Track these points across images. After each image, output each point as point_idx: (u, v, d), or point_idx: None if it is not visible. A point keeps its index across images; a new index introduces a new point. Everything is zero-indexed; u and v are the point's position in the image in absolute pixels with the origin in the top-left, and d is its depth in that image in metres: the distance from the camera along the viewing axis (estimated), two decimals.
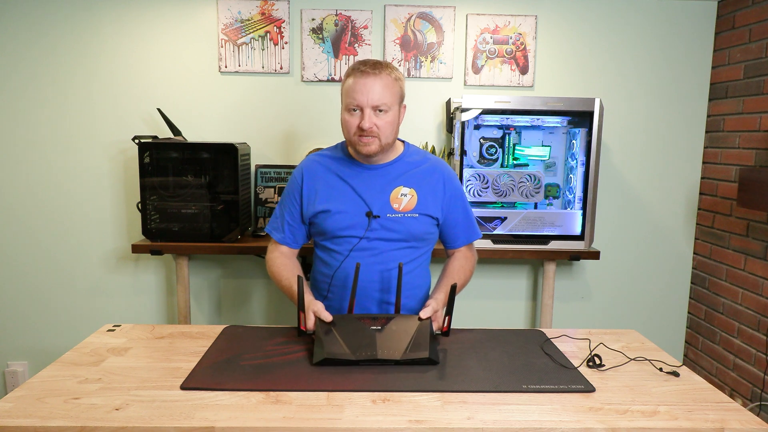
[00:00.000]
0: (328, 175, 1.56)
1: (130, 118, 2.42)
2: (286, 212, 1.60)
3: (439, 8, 2.39)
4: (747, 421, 1.06)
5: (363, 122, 1.43)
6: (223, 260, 2.54)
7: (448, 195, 1.58)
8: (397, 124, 1.51)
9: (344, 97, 1.48)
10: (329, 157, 1.60)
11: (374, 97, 1.43)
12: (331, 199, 1.53)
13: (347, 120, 1.47)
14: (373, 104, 1.43)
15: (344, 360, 1.25)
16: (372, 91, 1.42)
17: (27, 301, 2.52)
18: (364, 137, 1.45)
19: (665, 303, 2.65)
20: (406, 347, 1.27)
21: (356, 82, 1.43)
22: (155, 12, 2.37)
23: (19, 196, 2.45)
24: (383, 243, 1.52)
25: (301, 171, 1.59)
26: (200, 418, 1.02)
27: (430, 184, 1.56)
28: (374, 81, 1.43)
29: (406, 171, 1.56)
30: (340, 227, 1.52)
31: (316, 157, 1.61)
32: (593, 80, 2.48)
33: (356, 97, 1.43)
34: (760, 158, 2.22)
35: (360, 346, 1.27)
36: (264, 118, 2.45)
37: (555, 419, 1.04)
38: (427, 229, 1.56)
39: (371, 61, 1.47)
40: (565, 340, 1.45)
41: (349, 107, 1.45)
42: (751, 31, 2.27)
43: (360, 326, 1.34)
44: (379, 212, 1.51)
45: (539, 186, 2.32)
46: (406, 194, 1.53)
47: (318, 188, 1.55)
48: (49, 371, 1.22)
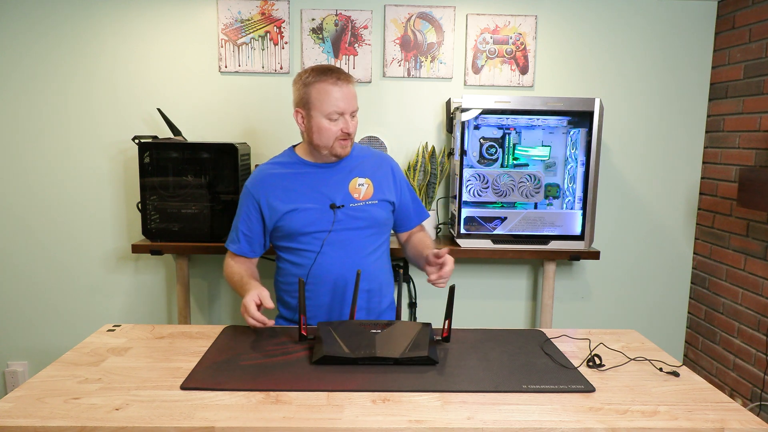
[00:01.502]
0: (284, 180, 1.62)
1: (130, 118, 2.42)
2: (241, 224, 1.66)
3: (439, 8, 2.39)
4: (747, 421, 1.06)
5: (348, 127, 1.55)
6: (223, 260, 2.54)
7: (398, 180, 1.71)
8: None
9: (321, 104, 1.53)
10: (280, 163, 1.67)
11: (353, 104, 1.57)
12: (293, 199, 1.59)
13: (328, 127, 1.54)
14: (352, 110, 1.57)
15: (343, 358, 1.25)
16: (351, 98, 1.55)
17: (27, 301, 2.52)
18: (345, 140, 1.57)
19: (665, 303, 2.65)
20: (405, 347, 1.28)
21: (336, 91, 1.53)
22: (155, 12, 2.37)
23: (19, 196, 2.45)
24: (351, 232, 1.59)
25: (253, 183, 1.64)
26: (200, 418, 1.02)
27: (382, 172, 1.67)
28: (350, 87, 1.55)
29: (357, 164, 1.66)
30: (307, 223, 1.57)
31: (267, 167, 1.67)
32: (593, 80, 2.48)
33: (339, 105, 1.53)
34: (760, 158, 2.22)
35: (359, 346, 1.28)
36: (264, 118, 2.45)
37: (555, 419, 1.05)
38: (386, 215, 1.67)
39: (336, 68, 1.57)
40: (565, 340, 1.45)
41: (332, 115, 1.53)
42: (751, 31, 2.27)
43: (360, 329, 1.35)
44: (342, 203, 1.59)
45: (539, 186, 2.32)
46: (363, 184, 1.63)
47: (276, 192, 1.61)
48: (49, 371, 1.22)
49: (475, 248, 2.25)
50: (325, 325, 1.37)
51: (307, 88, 1.54)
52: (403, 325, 1.39)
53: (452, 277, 2.61)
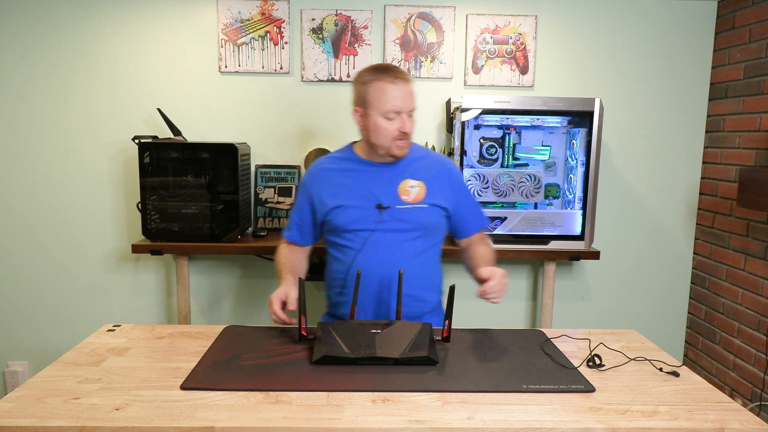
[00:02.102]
0: (337, 174, 1.63)
1: (130, 118, 2.42)
2: (295, 214, 1.69)
3: (439, 8, 2.39)
4: (747, 421, 1.06)
5: (405, 127, 1.52)
6: (223, 260, 2.54)
7: (455, 185, 1.65)
8: None
9: (377, 104, 1.52)
10: (337, 158, 1.68)
11: (410, 103, 1.54)
12: (342, 195, 1.59)
13: (385, 126, 1.53)
14: (409, 110, 1.54)
15: (343, 358, 1.25)
16: (409, 97, 1.53)
17: (27, 301, 2.52)
18: (402, 141, 1.55)
19: (665, 303, 2.65)
20: (405, 347, 1.28)
21: (393, 90, 1.51)
22: (155, 12, 2.37)
23: (19, 196, 2.45)
24: (395, 234, 1.57)
25: (308, 175, 1.68)
26: (200, 418, 1.02)
27: (437, 176, 1.62)
28: (407, 86, 1.53)
29: (412, 165, 1.62)
30: (351, 221, 1.57)
31: (324, 160, 1.69)
32: (593, 80, 2.48)
33: (396, 104, 1.51)
34: (760, 158, 2.22)
35: (359, 346, 1.28)
36: (264, 118, 2.45)
37: (555, 419, 1.04)
38: (436, 220, 1.61)
39: (394, 67, 1.55)
40: (565, 340, 1.45)
41: (389, 114, 1.52)
42: (751, 31, 2.27)
43: (360, 329, 1.35)
44: (389, 204, 1.57)
45: (539, 186, 2.32)
46: (414, 186, 1.59)
47: (327, 187, 1.62)
48: (49, 371, 1.22)
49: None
50: (325, 325, 1.37)
51: (365, 86, 1.54)
52: (403, 325, 1.38)
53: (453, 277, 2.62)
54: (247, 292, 2.57)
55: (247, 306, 2.58)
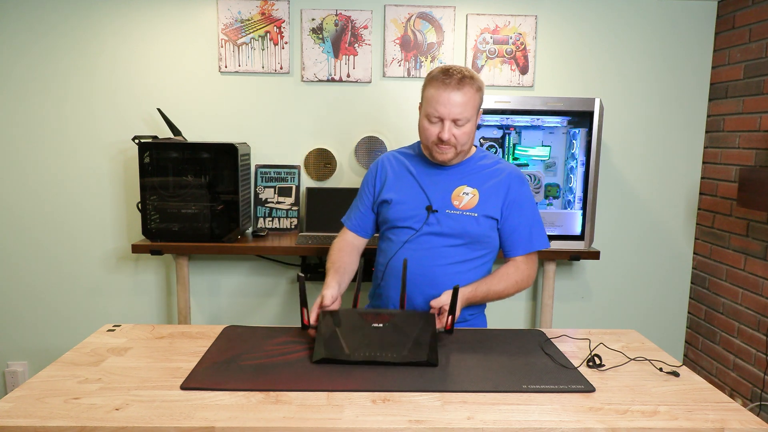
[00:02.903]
0: (400, 169, 1.64)
1: (130, 118, 2.42)
2: (360, 201, 1.70)
3: (439, 8, 2.39)
4: (747, 421, 1.06)
5: (443, 134, 1.49)
6: (223, 260, 2.54)
7: (511, 198, 1.57)
8: (473, 132, 1.55)
9: (425, 104, 1.52)
10: (404, 153, 1.68)
11: (455, 111, 1.47)
12: (397, 190, 1.59)
13: (427, 128, 1.52)
14: (453, 117, 1.48)
15: (342, 360, 1.25)
16: (454, 105, 1.46)
17: (27, 301, 2.52)
18: (442, 146, 1.51)
19: (665, 303, 2.65)
20: (405, 348, 1.27)
21: (440, 94, 1.47)
22: (155, 12, 2.37)
23: (19, 196, 2.45)
24: (437, 238, 1.55)
25: (377, 163, 1.69)
26: (200, 418, 1.02)
27: (494, 185, 1.57)
28: (457, 95, 1.46)
29: (472, 172, 1.60)
30: (400, 217, 1.57)
31: (393, 153, 1.70)
32: (593, 80, 2.48)
33: (438, 109, 1.48)
34: (760, 158, 2.22)
35: (359, 346, 1.27)
36: (264, 118, 2.45)
37: (555, 419, 1.04)
38: (485, 231, 1.57)
39: (456, 71, 1.48)
40: (565, 340, 1.45)
41: (430, 117, 1.50)
42: (751, 31, 2.27)
43: (362, 324, 1.34)
44: (439, 208, 1.55)
45: (539, 186, 2.31)
46: (468, 193, 1.57)
47: (388, 179, 1.63)
48: (49, 371, 1.22)
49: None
50: (326, 316, 1.36)
51: (424, 84, 1.54)
52: (406, 317, 1.36)
53: None
54: (247, 292, 2.57)
55: (247, 306, 2.58)
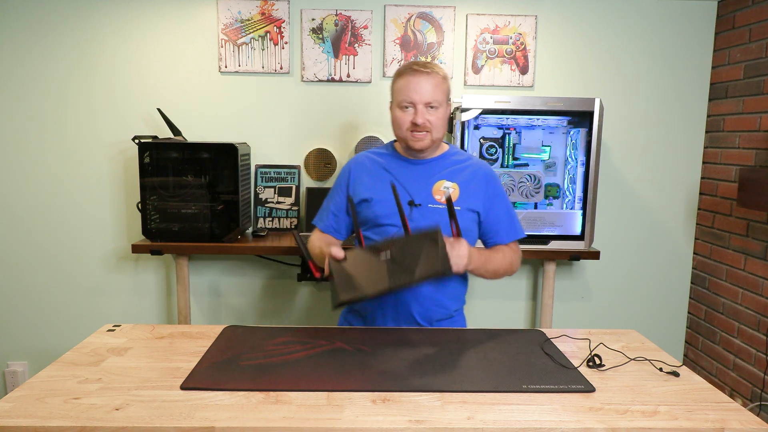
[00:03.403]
0: (375, 168, 1.63)
1: (130, 118, 2.42)
2: (332, 203, 1.67)
3: (439, 8, 2.39)
4: (747, 421, 1.06)
5: (416, 118, 1.51)
6: (223, 260, 2.54)
7: (490, 192, 1.62)
8: (446, 120, 1.58)
9: (396, 95, 1.56)
10: (378, 153, 1.68)
11: (426, 95, 1.51)
12: (375, 188, 1.58)
13: (400, 116, 1.55)
14: (425, 101, 1.51)
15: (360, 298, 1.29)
16: (424, 88, 1.50)
17: (27, 301, 2.52)
18: (417, 132, 1.53)
19: (665, 303, 2.65)
20: (417, 268, 1.29)
21: (409, 80, 1.51)
22: (155, 12, 2.37)
23: (19, 196, 2.45)
24: None
25: (350, 164, 1.68)
26: (200, 418, 1.02)
27: (473, 179, 1.60)
28: (426, 79, 1.51)
29: (449, 166, 1.61)
30: (382, 214, 1.56)
31: (366, 153, 1.70)
32: (593, 80, 2.48)
33: (409, 95, 1.51)
34: (760, 158, 2.22)
35: (374, 281, 1.29)
36: (264, 118, 2.45)
37: (555, 419, 1.04)
38: (467, 225, 1.59)
39: (422, 61, 1.56)
40: (565, 340, 1.45)
41: (402, 104, 1.53)
42: (751, 31, 2.27)
43: (371, 259, 1.34)
44: (421, 202, 1.56)
45: (539, 186, 2.32)
46: (449, 187, 1.58)
47: (364, 179, 1.62)
48: (49, 371, 1.22)
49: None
50: (336, 262, 1.36)
51: (393, 81, 1.57)
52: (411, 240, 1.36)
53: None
54: (247, 292, 2.57)
55: (247, 306, 2.58)
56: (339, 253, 1.37)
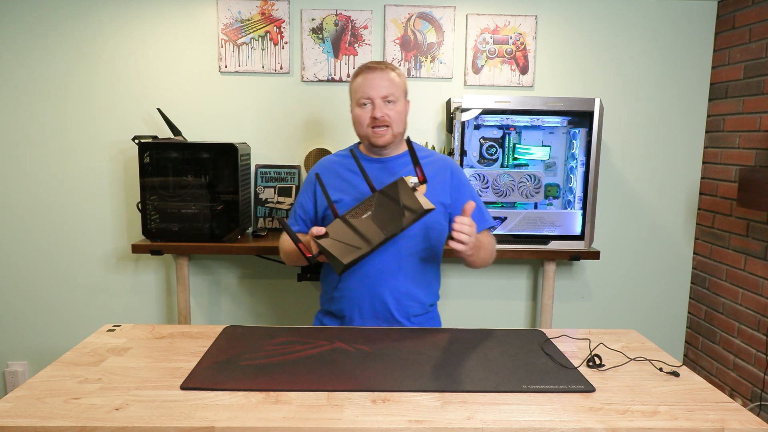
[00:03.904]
0: (340, 170, 1.66)
1: (130, 118, 2.42)
2: (299, 207, 1.71)
3: (439, 8, 2.39)
4: (747, 421, 1.06)
5: (375, 112, 1.56)
6: (223, 260, 2.54)
7: (455, 183, 1.65)
8: (405, 115, 1.63)
9: (354, 94, 1.60)
10: (341, 156, 1.71)
11: (383, 89, 1.56)
12: (342, 190, 1.61)
13: (359, 114, 1.59)
14: (382, 95, 1.56)
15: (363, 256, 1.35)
16: (380, 84, 1.56)
17: (27, 301, 2.52)
18: (378, 128, 1.57)
19: (665, 303, 2.65)
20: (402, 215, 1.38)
21: (365, 78, 1.57)
22: (155, 12, 2.37)
23: (19, 196, 2.45)
24: None
25: (314, 170, 1.70)
26: (200, 418, 1.02)
27: (438, 174, 1.63)
28: (381, 75, 1.57)
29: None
30: None
31: (330, 157, 1.73)
32: (593, 80, 2.48)
33: (366, 91, 1.56)
34: (760, 158, 2.22)
35: (368, 238, 1.35)
36: (264, 118, 2.45)
37: (555, 419, 1.04)
38: (436, 218, 1.61)
39: (376, 61, 1.63)
40: (565, 340, 1.45)
41: (360, 102, 1.58)
42: (751, 31, 2.27)
43: (355, 222, 1.40)
44: None
45: (539, 186, 2.31)
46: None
47: (330, 182, 1.63)
48: (49, 371, 1.22)
49: None
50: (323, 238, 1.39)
51: (351, 83, 1.62)
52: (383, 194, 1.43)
53: (453, 276, 2.62)
54: (247, 292, 2.57)
55: (247, 306, 2.58)
56: (320, 230, 1.40)
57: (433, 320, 1.70)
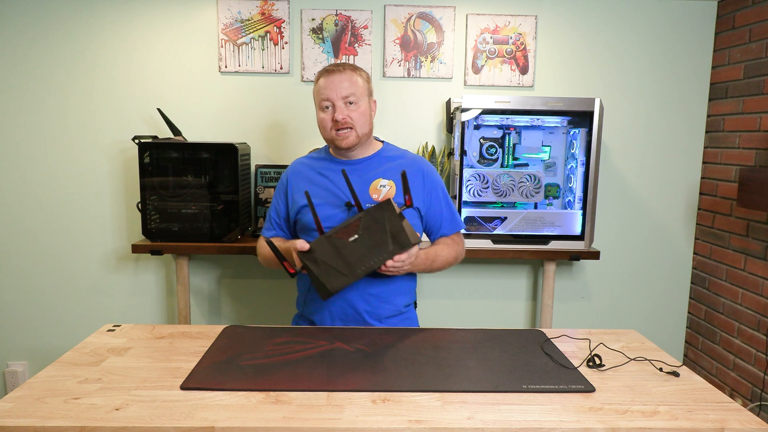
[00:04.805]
0: (311, 173, 1.64)
1: (130, 118, 2.42)
2: (273, 212, 1.70)
3: (439, 8, 2.39)
4: (747, 421, 1.06)
5: (336, 114, 1.53)
6: (223, 260, 2.54)
7: (428, 186, 1.64)
8: (370, 116, 1.61)
9: (316, 97, 1.59)
10: (313, 158, 1.70)
11: (342, 91, 1.54)
12: (313, 193, 1.57)
13: (322, 118, 1.57)
14: (342, 96, 1.54)
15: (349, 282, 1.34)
16: (340, 85, 1.54)
17: (27, 301, 2.52)
18: (341, 131, 1.55)
19: (665, 303, 2.65)
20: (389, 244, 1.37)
21: (325, 81, 1.55)
22: (155, 12, 2.37)
23: (19, 196, 2.45)
24: None
25: (287, 173, 1.70)
26: (200, 418, 1.02)
27: (411, 176, 1.60)
28: (340, 76, 1.54)
29: (384, 164, 1.62)
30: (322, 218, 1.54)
31: (301, 159, 1.71)
32: (593, 80, 2.48)
33: (326, 93, 1.54)
34: (760, 158, 2.22)
35: (353, 263, 1.34)
36: (264, 118, 2.45)
37: (555, 419, 1.05)
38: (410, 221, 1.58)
39: (337, 63, 1.60)
40: (565, 340, 1.45)
41: (322, 105, 1.56)
42: (751, 31, 2.27)
43: (340, 244, 1.39)
44: None
45: (539, 186, 2.32)
46: (385, 185, 1.59)
47: (301, 185, 1.63)
48: (49, 371, 1.22)
49: (475, 248, 2.25)
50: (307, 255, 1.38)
51: (314, 87, 1.60)
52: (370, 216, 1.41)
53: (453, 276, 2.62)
54: (247, 292, 2.57)
55: (247, 306, 2.58)
56: (304, 245, 1.38)
57: (408, 321, 1.67)
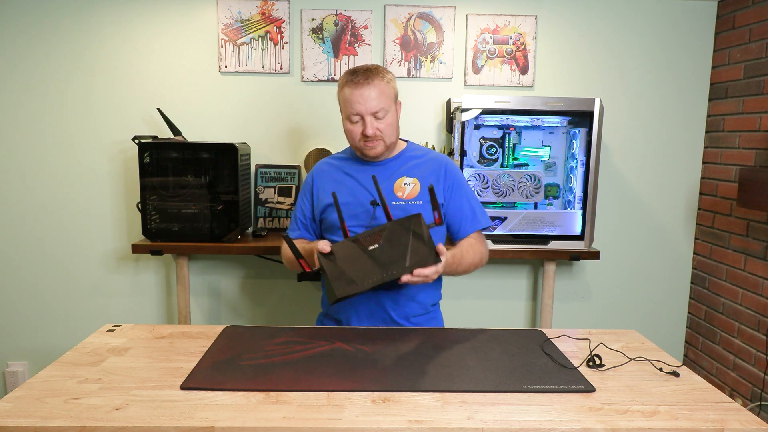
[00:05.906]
0: (336, 173, 1.65)
1: (130, 118, 2.42)
2: (299, 212, 1.70)
3: (439, 8, 2.39)
4: (747, 421, 1.06)
5: (366, 130, 1.53)
6: (223, 260, 2.54)
7: (449, 182, 1.63)
8: (397, 124, 1.60)
9: (343, 107, 1.57)
10: (337, 158, 1.71)
11: (371, 105, 1.51)
12: (339, 192, 1.59)
13: (351, 129, 1.56)
14: (371, 111, 1.52)
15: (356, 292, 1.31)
16: (369, 99, 1.51)
17: (27, 301, 2.52)
18: (369, 142, 1.55)
19: (665, 303, 2.65)
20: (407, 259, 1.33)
21: (352, 93, 1.52)
22: (155, 12, 2.37)
23: (19, 196, 2.45)
24: None
25: (312, 173, 1.70)
26: (200, 418, 1.02)
27: (431, 172, 1.62)
28: (369, 90, 1.51)
29: (408, 163, 1.63)
30: (345, 217, 1.55)
31: (327, 160, 1.72)
32: (593, 80, 2.48)
33: (355, 108, 1.52)
34: (760, 158, 2.22)
35: (366, 273, 1.32)
36: (264, 118, 2.45)
37: (555, 419, 1.04)
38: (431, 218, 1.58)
39: (362, 69, 1.54)
40: (565, 340, 1.45)
41: (351, 118, 1.54)
42: (751, 31, 2.27)
43: (359, 251, 1.37)
44: None
45: (539, 186, 2.32)
46: (409, 183, 1.60)
47: (326, 185, 1.64)
48: (49, 371, 1.22)
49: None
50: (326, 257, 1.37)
51: (339, 92, 1.57)
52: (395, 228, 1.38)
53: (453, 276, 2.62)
54: (247, 292, 2.57)
55: (247, 306, 2.58)
56: (326, 247, 1.37)
57: (434, 320, 1.68)
